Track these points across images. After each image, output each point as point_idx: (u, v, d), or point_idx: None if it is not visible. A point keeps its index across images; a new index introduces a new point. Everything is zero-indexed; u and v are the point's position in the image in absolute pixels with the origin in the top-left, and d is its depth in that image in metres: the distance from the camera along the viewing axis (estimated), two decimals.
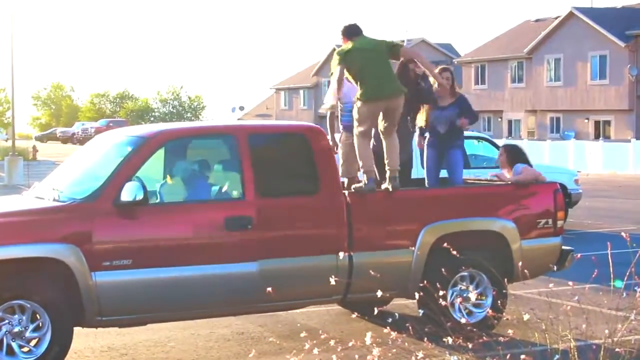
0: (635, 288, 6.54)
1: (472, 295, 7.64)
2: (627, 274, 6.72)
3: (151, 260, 8.99)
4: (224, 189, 9.87)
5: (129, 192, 8.79)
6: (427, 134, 11.73)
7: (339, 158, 10.99)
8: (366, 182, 10.11)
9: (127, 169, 9.10)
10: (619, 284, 6.84)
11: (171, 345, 10.25)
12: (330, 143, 10.55)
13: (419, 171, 13.35)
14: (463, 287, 10.08)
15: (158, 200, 9.51)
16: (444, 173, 11.81)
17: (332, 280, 7.39)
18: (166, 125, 10.71)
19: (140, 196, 8.80)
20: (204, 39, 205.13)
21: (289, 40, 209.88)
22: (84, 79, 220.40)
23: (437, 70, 11.32)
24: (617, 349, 6.59)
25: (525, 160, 11.41)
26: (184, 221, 9.33)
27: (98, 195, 9.02)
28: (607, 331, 6.87)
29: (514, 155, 11.32)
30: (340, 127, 11.50)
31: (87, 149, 10.74)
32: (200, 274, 9.13)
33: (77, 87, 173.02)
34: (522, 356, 6.10)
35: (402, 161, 10.61)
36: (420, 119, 11.64)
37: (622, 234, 6.76)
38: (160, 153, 9.61)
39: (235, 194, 9.66)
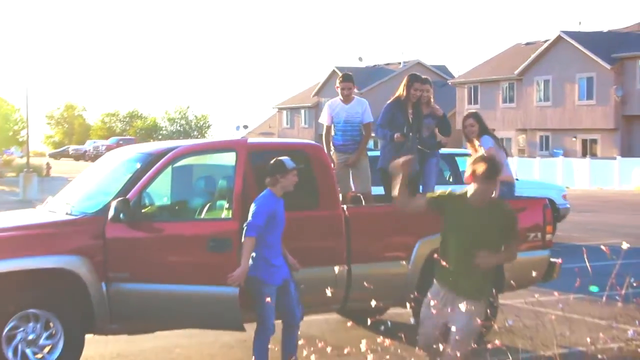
0: (617, 297, 6.57)
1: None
2: (609, 285, 6.74)
3: (158, 272, 8.99)
4: (226, 206, 9.86)
5: (113, 209, 8.75)
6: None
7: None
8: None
9: (134, 185, 9.08)
10: (595, 289, 6.88)
11: (177, 352, 10.28)
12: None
13: None
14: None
15: (165, 216, 9.53)
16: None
17: (329, 292, 7.42)
18: (174, 143, 10.74)
19: (119, 215, 8.72)
20: (210, 61, 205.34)
21: (291, 62, 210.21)
22: (96, 99, 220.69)
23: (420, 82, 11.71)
24: (599, 356, 6.62)
25: (486, 128, 11.70)
26: (188, 237, 9.25)
27: (108, 210, 9.05)
28: (589, 339, 6.90)
29: (483, 124, 11.62)
30: (332, 147, 11.62)
31: (98, 166, 10.77)
32: (205, 290, 8.98)
33: (88, 107, 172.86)
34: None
35: (410, 177, 10.71)
36: None
37: (602, 247, 6.78)
38: (168, 170, 9.60)
39: (224, 213, 9.54)
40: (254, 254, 8.51)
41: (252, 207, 8.51)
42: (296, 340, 8.50)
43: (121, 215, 8.72)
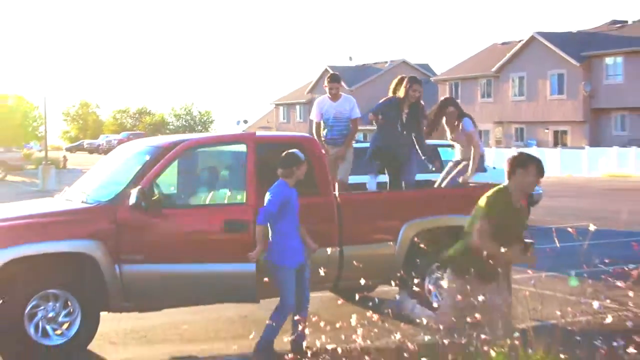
0: (585, 275, 6.59)
1: (444, 282, 7.68)
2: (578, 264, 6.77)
3: (167, 254, 9.02)
4: (230, 193, 9.88)
5: (132, 197, 8.81)
6: None
7: None
8: None
9: (144, 175, 9.10)
10: (574, 281, 6.86)
11: (184, 328, 10.29)
12: None
13: None
14: (439, 275, 10.14)
15: (173, 203, 9.54)
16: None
17: (322, 272, 7.44)
18: (181, 136, 10.74)
19: (140, 202, 8.78)
20: (212, 61, 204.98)
21: (287, 62, 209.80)
22: (108, 97, 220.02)
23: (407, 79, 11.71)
24: (569, 328, 6.64)
25: (463, 111, 11.86)
26: (194, 222, 9.30)
27: (120, 198, 9.08)
28: (559, 313, 6.92)
29: (460, 108, 11.81)
30: (322, 140, 11.57)
31: (111, 158, 10.77)
32: (209, 269, 9.07)
33: (101, 104, 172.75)
34: (482, 336, 6.14)
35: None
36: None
37: (569, 229, 6.79)
38: (176, 161, 9.61)
39: (239, 198, 9.66)
40: (270, 240, 8.57)
41: (267, 196, 8.56)
42: (306, 317, 8.38)
43: (142, 203, 8.77)
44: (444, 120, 11.91)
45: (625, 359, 5.62)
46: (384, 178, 12.01)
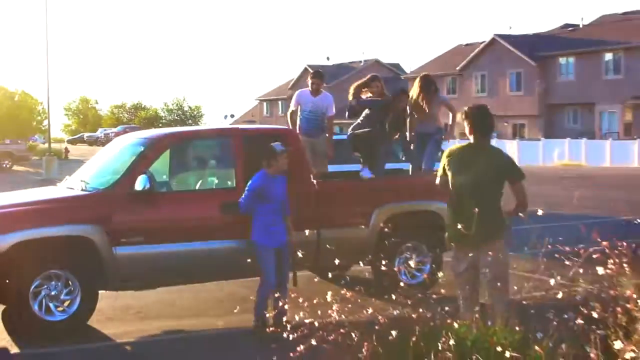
0: (539, 253, 6.62)
1: (412, 262, 7.73)
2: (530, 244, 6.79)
3: (159, 237, 9.01)
4: (218, 180, 9.89)
5: (142, 183, 8.82)
6: None
7: None
8: None
9: (139, 165, 9.13)
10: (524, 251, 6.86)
11: (177, 305, 10.29)
12: None
13: None
14: (408, 256, 10.18)
15: (164, 190, 9.53)
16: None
17: (300, 254, 7.45)
18: (171, 129, 10.74)
19: (147, 186, 8.82)
20: (202, 61, 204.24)
21: (270, 61, 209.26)
22: (106, 93, 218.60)
23: (367, 79, 11.69)
24: (524, 302, 6.68)
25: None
26: (185, 206, 9.31)
27: (116, 186, 9.05)
28: (516, 288, 6.96)
29: (435, 86, 11.83)
30: (298, 130, 11.47)
31: (108, 149, 10.73)
32: (198, 249, 9.13)
33: (100, 100, 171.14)
34: (447, 307, 6.17)
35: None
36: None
37: (520, 214, 6.82)
38: (167, 151, 9.63)
39: (228, 183, 9.68)
40: (253, 222, 8.60)
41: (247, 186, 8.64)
42: (286, 294, 8.37)
43: (146, 187, 8.76)
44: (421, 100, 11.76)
45: (574, 330, 5.67)
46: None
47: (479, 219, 6.62)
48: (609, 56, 52.68)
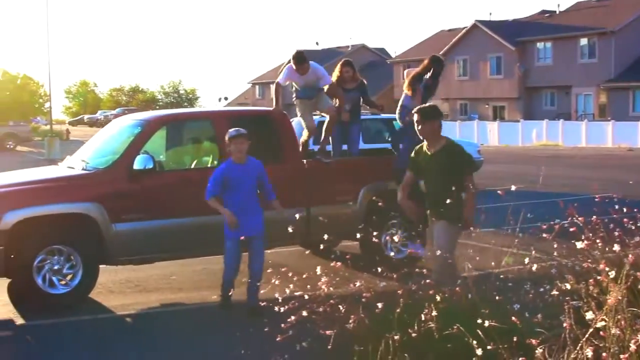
0: (516, 229, 6.66)
1: (396, 237, 7.78)
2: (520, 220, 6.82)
3: (156, 213, 9.02)
4: (210, 159, 9.87)
5: (140, 163, 8.81)
6: None
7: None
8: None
9: (136, 145, 9.12)
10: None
11: (173, 278, 10.31)
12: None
13: None
14: (393, 232, 10.21)
15: (160, 168, 9.51)
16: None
17: (290, 229, 7.45)
18: (166, 111, 10.68)
19: (150, 166, 8.82)
20: (197, 45, 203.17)
21: (263, 45, 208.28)
22: (105, 76, 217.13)
23: (340, 64, 11.44)
24: (502, 276, 6.73)
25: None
26: (179, 184, 9.29)
27: (116, 165, 9.05)
28: (493, 263, 7.01)
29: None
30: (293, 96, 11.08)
31: (107, 130, 10.70)
32: (192, 224, 9.10)
33: (99, 83, 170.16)
34: (428, 280, 6.21)
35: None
36: None
37: (499, 191, 6.86)
38: (162, 132, 9.62)
39: (218, 163, 9.60)
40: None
41: None
42: (255, 288, 8.06)
43: (147, 167, 8.77)
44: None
45: (549, 301, 5.72)
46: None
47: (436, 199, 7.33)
48: (584, 41, 52.67)
